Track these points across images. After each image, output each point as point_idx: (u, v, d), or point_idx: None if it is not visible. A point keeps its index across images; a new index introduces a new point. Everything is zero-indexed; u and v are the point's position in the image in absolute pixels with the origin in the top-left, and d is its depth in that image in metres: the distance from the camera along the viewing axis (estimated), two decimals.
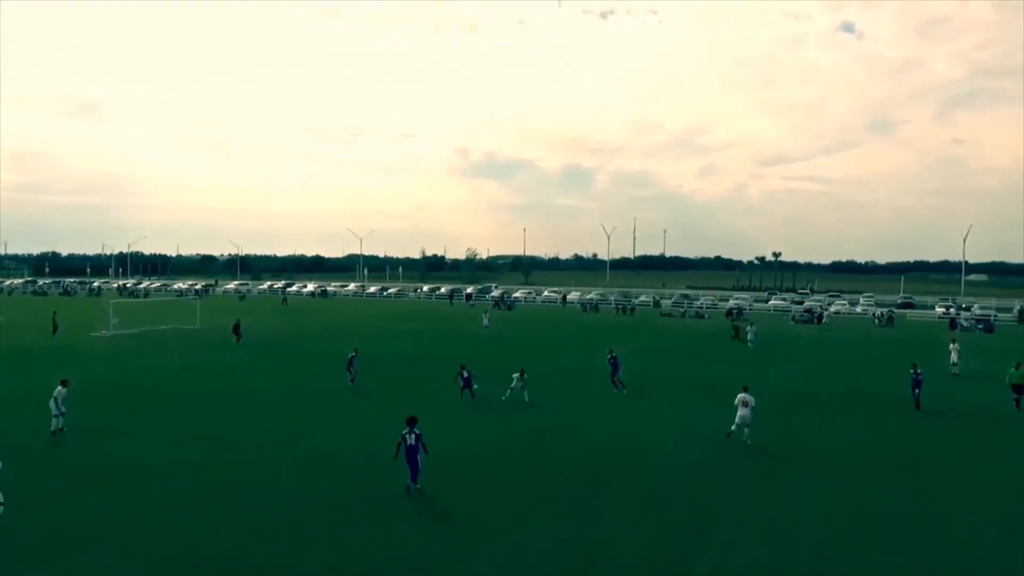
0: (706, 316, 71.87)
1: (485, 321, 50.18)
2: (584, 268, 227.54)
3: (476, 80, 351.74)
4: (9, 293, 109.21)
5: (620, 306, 78.03)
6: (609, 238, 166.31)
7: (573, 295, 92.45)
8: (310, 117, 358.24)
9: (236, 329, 44.63)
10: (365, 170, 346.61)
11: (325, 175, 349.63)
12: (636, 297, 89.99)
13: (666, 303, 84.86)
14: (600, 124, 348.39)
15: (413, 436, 16.56)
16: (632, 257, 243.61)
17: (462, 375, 26.98)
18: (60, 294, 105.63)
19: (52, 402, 21.21)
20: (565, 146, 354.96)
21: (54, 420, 21.14)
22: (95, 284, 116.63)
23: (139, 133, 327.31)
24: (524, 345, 44.42)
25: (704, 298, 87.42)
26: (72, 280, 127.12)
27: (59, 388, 21.54)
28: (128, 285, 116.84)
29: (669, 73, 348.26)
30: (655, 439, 21.48)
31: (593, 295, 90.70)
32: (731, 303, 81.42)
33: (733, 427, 20.91)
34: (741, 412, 20.56)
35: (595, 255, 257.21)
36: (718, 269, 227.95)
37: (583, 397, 27.87)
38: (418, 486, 16.38)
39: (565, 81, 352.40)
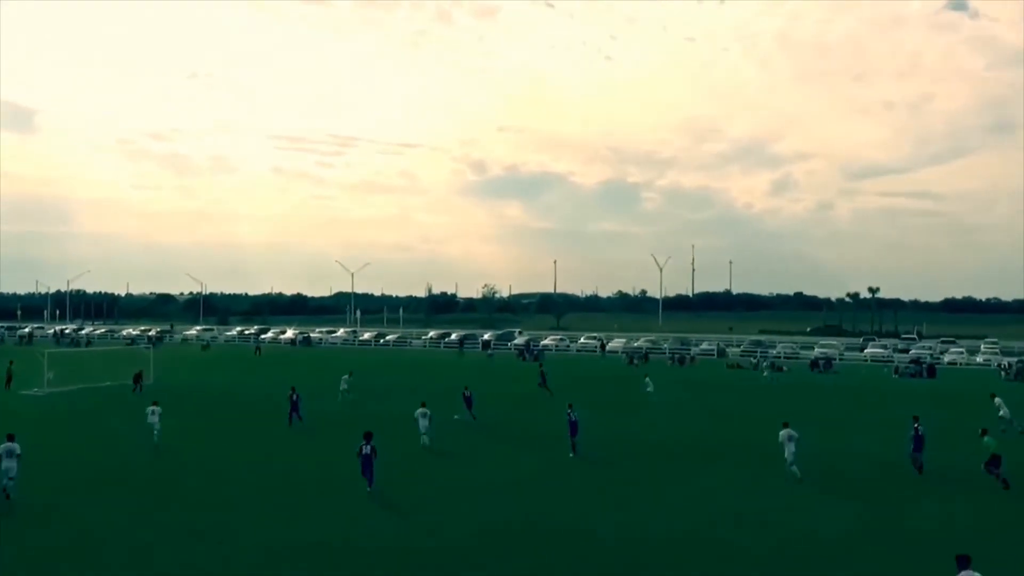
0: (785, 368, 71.12)
1: (491, 353, 49.55)
2: (630, 309, 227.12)
3: (492, 76, 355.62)
4: None
5: (675, 356, 77.58)
6: (661, 271, 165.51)
7: (616, 342, 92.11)
8: (284, 124, 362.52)
9: (137, 379, 48.24)
10: (355, 190, 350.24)
11: (305, 196, 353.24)
12: (696, 344, 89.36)
13: (733, 352, 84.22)
14: (648, 129, 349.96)
15: (369, 448, 24.25)
16: (690, 295, 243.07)
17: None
18: None
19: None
20: (605, 157, 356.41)
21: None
22: (26, 330, 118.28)
23: (79, 146, 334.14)
24: (534, 406, 44.05)
25: (782, 346, 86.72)
26: None
27: (7, 443, 23.47)
28: (67, 331, 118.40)
29: (731, 65, 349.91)
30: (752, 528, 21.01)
31: (641, 342, 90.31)
32: (816, 352, 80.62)
33: (794, 470, 25.43)
34: (788, 447, 25.53)
35: (644, 292, 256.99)
36: (798, 309, 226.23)
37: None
38: (370, 488, 23.72)
39: (603, 77, 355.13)
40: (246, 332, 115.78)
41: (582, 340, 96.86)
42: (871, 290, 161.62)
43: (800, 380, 61.74)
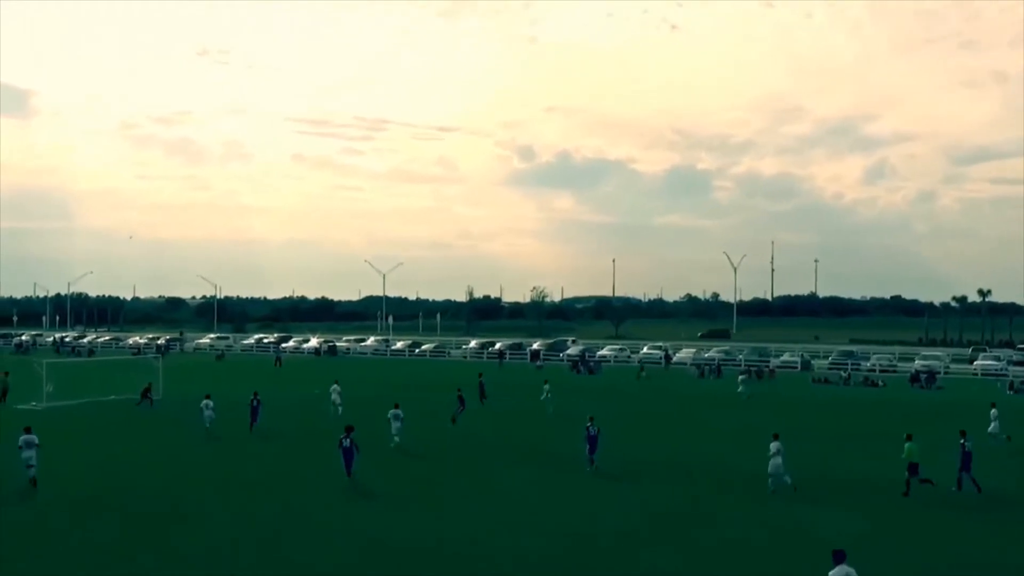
0: (880, 383, 70.21)
1: (544, 395, 49.33)
2: (700, 314, 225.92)
3: (540, 49, 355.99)
4: None
5: (752, 368, 76.92)
6: (736, 271, 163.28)
7: (684, 353, 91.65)
8: (306, 105, 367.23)
9: (146, 393, 49.87)
10: (386, 179, 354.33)
11: (330, 187, 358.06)
12: (776, 356, 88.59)
13: (819, 364, 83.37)
14: (720, 109, 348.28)
15: (348, 440, 28.96)
16: (769, 298, 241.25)
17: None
18: None
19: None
20: (670, 141, 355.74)
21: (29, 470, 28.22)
22: (23, 337, 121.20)
23: (78, 131, 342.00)
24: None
25: (876, 357, 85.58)
26: None
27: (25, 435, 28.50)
28: (68, 339, 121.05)
29: (817, 33, 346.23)
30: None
31: (713, 352, 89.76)
32: (918, 364, 79.45)
33: (770, 481, 27.58)
34: (774, 461, 27.90)
35: (715, 296, 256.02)
36: (896, 315, 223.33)
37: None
38: (350, 476, 28.73)
39: (668, 49, 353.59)
40: (265, 340, 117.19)
41: (645, 350, 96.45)
42: (981, 293, 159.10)
43: (897, 396, 60.87)
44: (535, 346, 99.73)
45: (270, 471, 31.88)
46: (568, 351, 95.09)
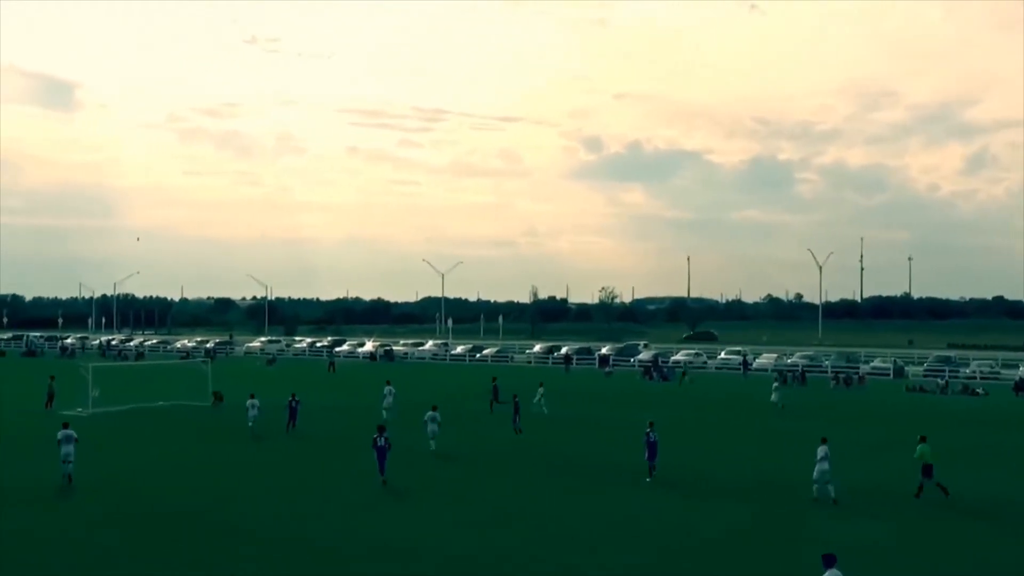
0: (981, 391, 68.85)
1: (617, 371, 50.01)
2: (782, 317, 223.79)
3: (608, 31, 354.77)
4: None
5: (839, 375, 75.96)
6: (821, 270, 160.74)
7: (765, 358, 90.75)
8: (360, 95, 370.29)
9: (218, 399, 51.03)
10: (446, 173, 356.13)
11: (386, 181, 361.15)
12: (865, 361, 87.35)
13: (914, 371, 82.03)
14: (804, 95, 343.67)
15: (383, 439, 30.97)
16: (858, 299, 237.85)
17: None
18: (23, 354, 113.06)
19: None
20: (750, 130, 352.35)
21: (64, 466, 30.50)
22: (68, 341, 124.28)
23: (124, 125, 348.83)
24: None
25: (976, 363, 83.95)
26: (37, 335, 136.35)
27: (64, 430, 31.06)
28: (114, 342, 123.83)
29: (910, 11, 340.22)
30: None
31: (796, 358, 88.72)
32: (1023, 371, 77.68)
33: (815, 488, 28.48)
34: (821, 466, 28.67)
35: (799, 297, 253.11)
36: (998, 317, 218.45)
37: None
38: (383, 476, 30.52)
39: (748, 30, 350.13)
40: (318, 344, 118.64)
41: (722, 355, 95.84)
42: None
43: (1000, 405, 59.82)
44: (604, 351, 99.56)
45: (307, 473, 32.47)
46: (639, 356, 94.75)
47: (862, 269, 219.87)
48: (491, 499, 29.79)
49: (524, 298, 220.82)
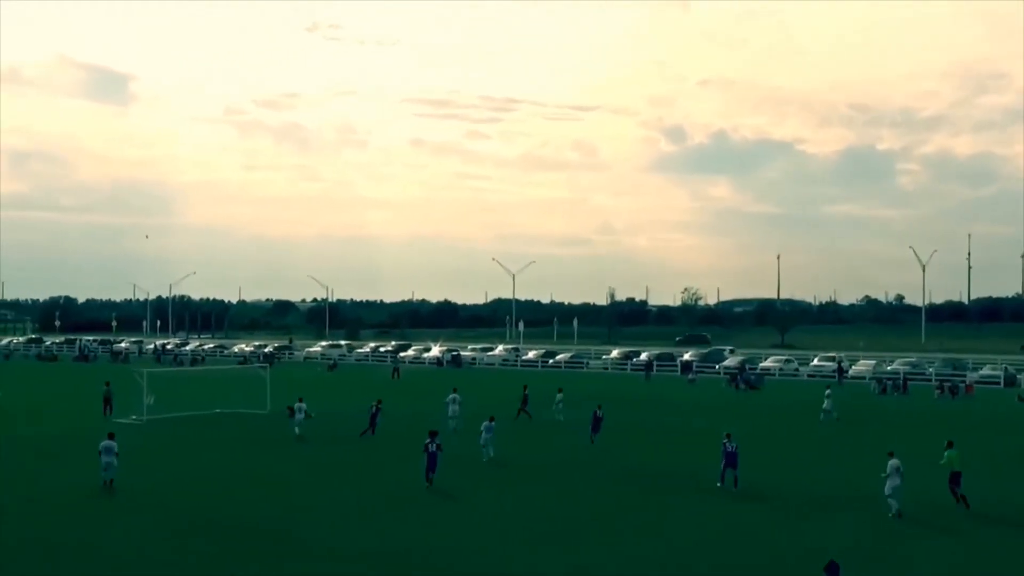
0: None
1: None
2: (882, 320, 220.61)
3: (688, 13, 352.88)
4: (6, 356, 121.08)
5: (945, 384, 74.68)
6: (924, 269, 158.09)
7: (862, 365, 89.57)
8: (426, 84, 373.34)
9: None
10: (516, 167, 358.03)
11: (453, 175, 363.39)
12: (974, 369, 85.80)
13: None
14: (904, 79, 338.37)
15: (435, 445, 33.16)
16: (966, 301, 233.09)
17: None
18: (75, 358, 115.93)
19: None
20: (845, 118, 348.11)
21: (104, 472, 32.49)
22: (122, 344, 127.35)
23: (180, 118, 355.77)
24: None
25: None
26: (90, 338, 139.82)
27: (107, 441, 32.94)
28: (169, 346, 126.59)
29: None
30: None
31: (897, 365, 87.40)
32: None
33: (891, 503, 28.85)
34: (892, 482, 28.82)
35: (900, 299, 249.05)
36: None
37: None
38: (430, 483, 32.62)
39: (842, 10, 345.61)
40: (381, 349, 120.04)
41: (815, 362, 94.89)
42: None
43: None
44: (687, 356, 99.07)
45: (350, 483, 32.89)
46: (725, 362, 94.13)
47: (969, 268, 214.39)
48: (556, 512, 29.93)
49: (600, 300, 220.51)
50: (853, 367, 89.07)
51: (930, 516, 29.51)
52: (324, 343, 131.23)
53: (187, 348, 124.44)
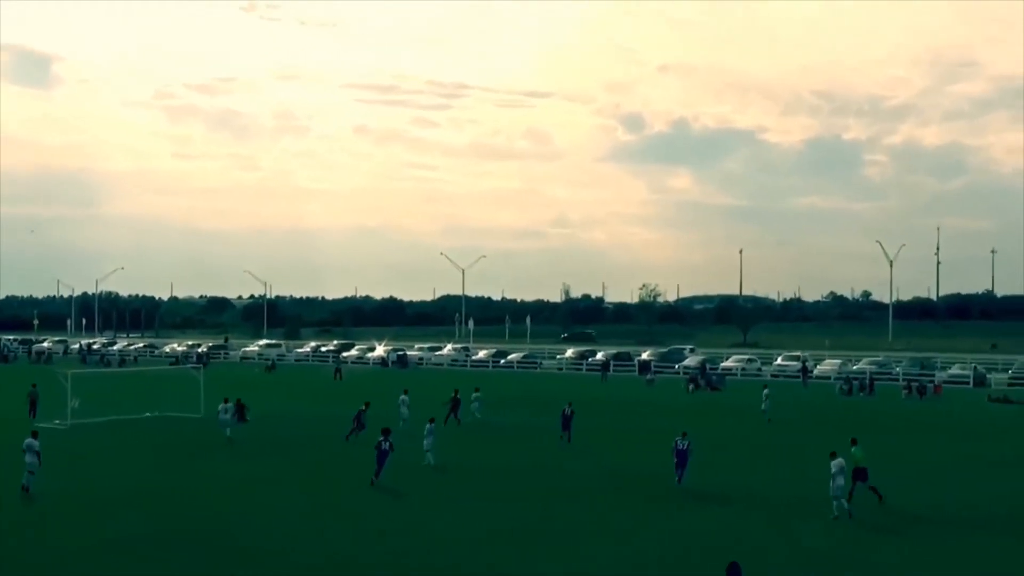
0: None
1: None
2: (848, 317, 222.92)
3: None
4: None
5: (913, 384, 75.62)
6: (892, 265, 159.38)
7: (827, 365, 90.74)
8: (370, 68, 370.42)
9: (240, 411, 50.06)
10: (466, 156, 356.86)
11: (399, 165, 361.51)
12: (942, 368, 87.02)
13: (998, 378, 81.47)
14: (872, 65, 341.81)
15: (388, 443, 34.48)
16: (934, 298, 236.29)
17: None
18: None
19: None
20: (811, 106, 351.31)
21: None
22: (44, 344, 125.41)
23: (107, 103, 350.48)
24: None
25: None
26: (10, 338, 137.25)
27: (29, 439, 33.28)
28: (96, 346, 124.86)
29: None
30: None
31: (863, 364, 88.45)
32: None
33: (835, 505, 29.62)
34: (836, 482, 29.60)
35: (866, 295, 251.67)
36: None
37: None
38: (378, 478, 34.01)
39: None
40: (323, 349, 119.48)
41: (779, 361, 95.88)
42: None
43: None
44: (645, 356, 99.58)
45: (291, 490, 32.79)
46: (685, 362, 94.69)
47: (938, 263, 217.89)
48: (503, 517, 30.01)
49: (555, 297, 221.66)
50: (818, 367, 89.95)
51: (896, 522, 29.96)
52: (262, 342, 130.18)
53: (115, 348, 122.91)
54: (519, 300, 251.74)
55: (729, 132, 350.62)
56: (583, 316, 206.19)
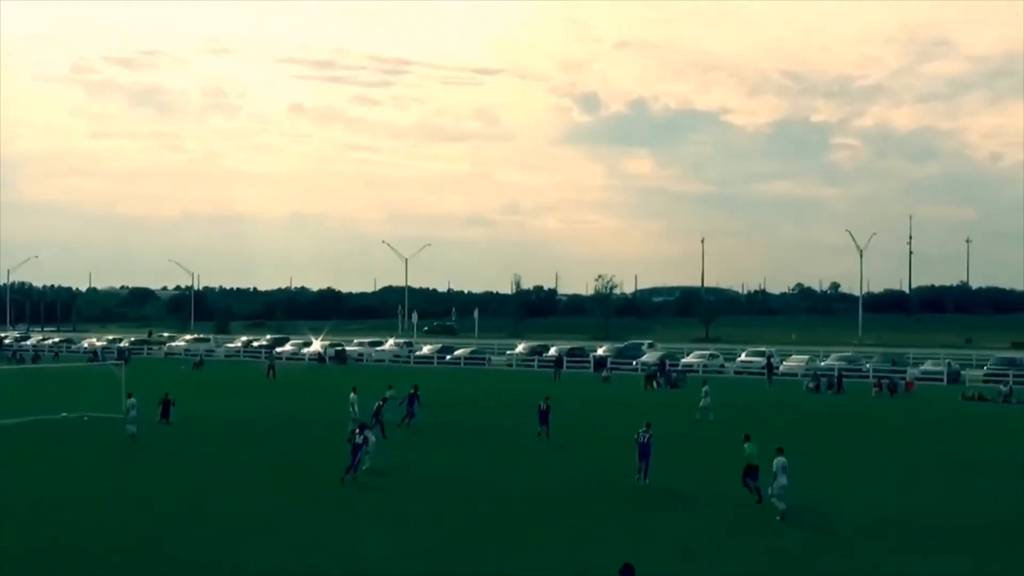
0: None
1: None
2: (816, 311, 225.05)
3: None
4: None
5: (884, 381, 76.41)
6: (862, 255, 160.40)
7: (793, 360, 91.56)
8: (307, 42, 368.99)
9: (165, 409, 50.44)
10: (410, 137, 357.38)
11: (338, 146, 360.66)
12: (914, 364, 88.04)
13: (972, 375, 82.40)
14: (843, 44, 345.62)
15: (362, 437, 36.53)
16: (907, 290, 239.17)
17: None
18: None
19: None
20: (778, 86, 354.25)
21: None
22: None
23: (21, 76, 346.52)
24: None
25: None
26: None
27: None
28: (7, 340, 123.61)
29: None
30: None
31: (832, 360, 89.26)
32: None
33: (777, 504, 30.42)
34: (779, 481, 30.41)
35: (835, 287, 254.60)
36: None
37: None
38: (349, 476, 35.44)
39: None
40: (255, 344, 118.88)
41: (743, 357, 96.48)
42: None
43: None
44: (600, 352, 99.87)
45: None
46: (644, 358, 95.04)
47: (911, 254, 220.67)
48: (442, 524, 30.02)
49: (505, 288, 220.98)
50: (784, 362, 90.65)
51: (865, 526, 30.28)
52: (189, 337, 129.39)
53: (28, 343, 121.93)
54: (466, 292, 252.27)
55: (691, 113, 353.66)
56: (535, 309, 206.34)
